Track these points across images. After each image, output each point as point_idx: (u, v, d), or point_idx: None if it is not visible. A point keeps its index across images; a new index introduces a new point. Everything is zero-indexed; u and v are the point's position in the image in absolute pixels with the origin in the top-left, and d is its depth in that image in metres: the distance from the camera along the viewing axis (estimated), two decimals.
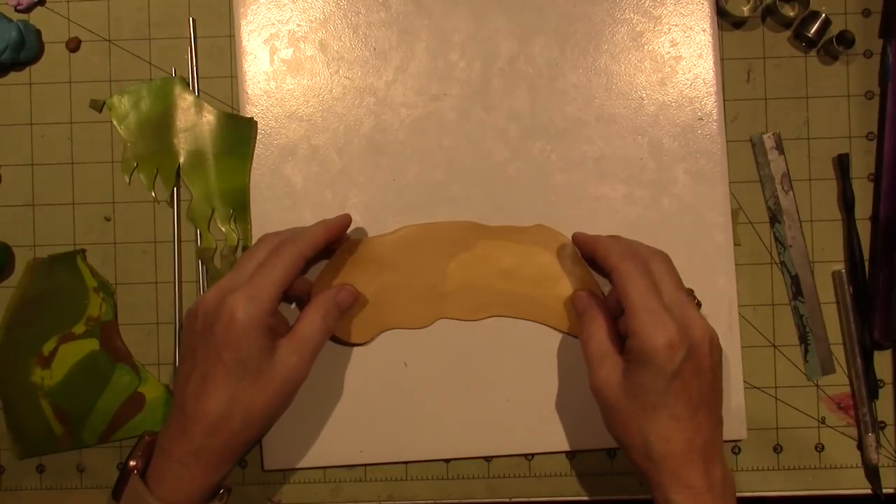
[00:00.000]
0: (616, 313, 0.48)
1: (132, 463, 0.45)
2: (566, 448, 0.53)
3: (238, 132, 0.53)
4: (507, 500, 0.53)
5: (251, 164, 0.53)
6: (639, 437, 0.44)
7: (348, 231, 0.52)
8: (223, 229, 0.53)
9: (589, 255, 0.49)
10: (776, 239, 0.53)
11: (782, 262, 0.53)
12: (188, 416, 0.44)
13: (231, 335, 0.43)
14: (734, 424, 0.52)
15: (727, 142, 0.53)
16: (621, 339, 0.47)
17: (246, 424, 0.44)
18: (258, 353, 0.43)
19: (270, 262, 0.45)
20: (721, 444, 0.45)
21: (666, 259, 0.47)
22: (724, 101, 0.53)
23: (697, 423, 0.43)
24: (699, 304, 0.51)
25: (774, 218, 0.53)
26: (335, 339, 0.52)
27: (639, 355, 0.43)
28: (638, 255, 0.46)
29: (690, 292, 0.50)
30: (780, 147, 0.53)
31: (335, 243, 0.50)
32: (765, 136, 0.53)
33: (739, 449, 0.53)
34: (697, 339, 0.43)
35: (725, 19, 0.54)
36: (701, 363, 0.44)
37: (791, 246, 0.53)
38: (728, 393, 0.52)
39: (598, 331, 0.47)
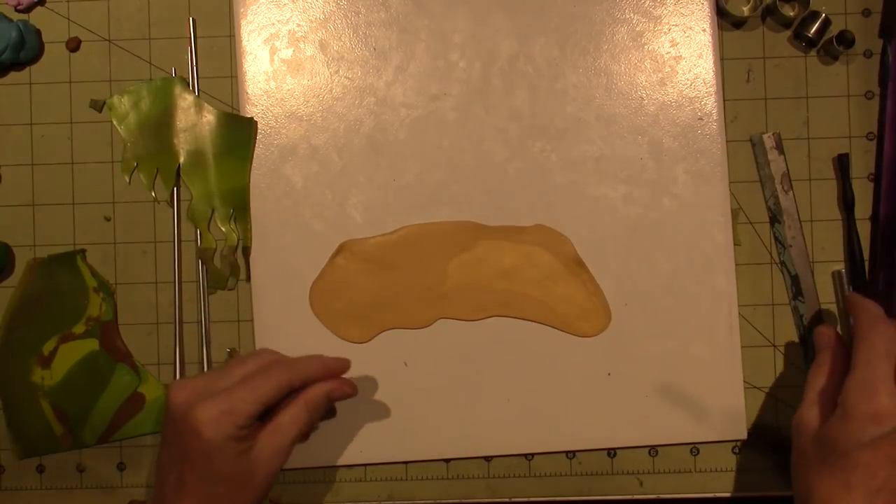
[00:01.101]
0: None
1: None
2: (566, 448, 0.53)
3: (238, 132, 0.53)
4: (507, 500, 0.53)
5: (251, 164, 0.53)
6: (804, 489, 0.42)
7: (346, 231, 0.52)
8: (223, 229, 0.53)
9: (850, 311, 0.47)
10: (776, 239, 0.53)
11: (782, 262, 0.53)
12: None
13: (202, 448, 0.41)
14: (734, 424, 0.52)
15: (727, 142, 0.53)
16: None
17: None
18: (232, 461, 0.42)
19: (256, 380, 0.43)
20: None
21: None
22: (724, 101, 0.53)
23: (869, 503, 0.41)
24: None
25: (774, 218, 0.53)
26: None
27: (841, 410, 0.42)
28: (890, 325, 0.44)
29: None
30: (780, 147, 0.53)
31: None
32: (765, 136, 0.53)
33: (739, 449, 0.53)
34: None
35: (725, 19, 0.54)
36: None
37: (791, 246, 0.53)
38: (728, 393, 0.52)
39: (826, 373, 0.46)
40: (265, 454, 0.43)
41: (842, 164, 0.53)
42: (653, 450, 0.53)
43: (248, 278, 0.53)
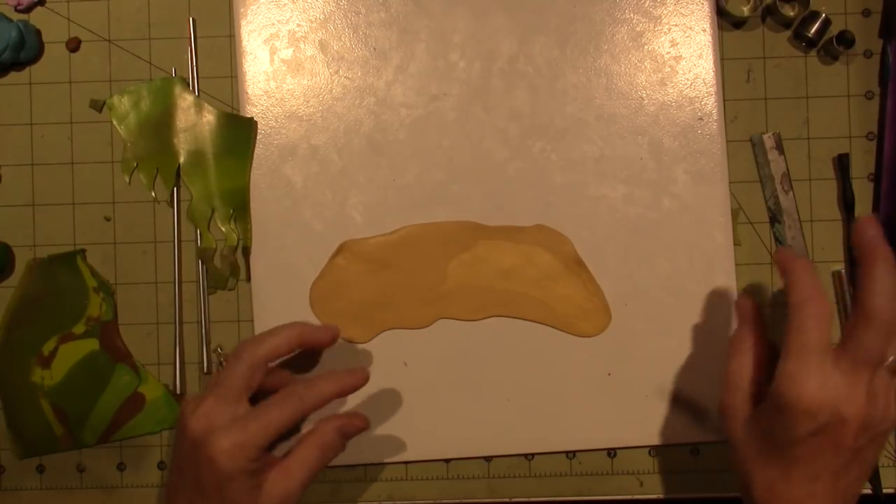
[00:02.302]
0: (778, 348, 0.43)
1: None
2: (566, 448, 0.53)
3: (238, 132, 0.53)
4: (507, 500, 0.53)
5: (251, 164, 0.53)
6: (743, 474, 0.42)
7: (346, 231, 0.52)
8: (223, 229, 0.53)
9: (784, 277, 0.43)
10: (776, 239, 0.53)
11: None
12: None
13: (215, 478, 0.41)
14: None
15: (727, 142, 0.53)
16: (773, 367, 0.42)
17: None
18: (244, 494, 0.42)
19: (269, 411, 0.43)
20: None
21: (888, 325, 0.39)
22: (724, 101, 0.53)
23: (811, 492, 0.40)
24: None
25: (774, 218, 0.53)
26: None
27: (773, 403, 0.40)
28: (825, 299, 0.41)
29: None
30: (780, 147, 0.53)
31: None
32: (765, 136, 0.53)
33: None
34: (847, 414, 0.39)
35: (725, 19, 0.54)
36: (842, 439, 0.39)
37: (791, 246, 0.53)
38: None
39: (745, 354, 0.44)
40: (274, 495, 0.43)
41: (842, 164, 0.53)
42: (653, 450, 0.53)
43: (248, 278, 0.53)
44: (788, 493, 0.40)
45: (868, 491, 0.53)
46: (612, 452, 0.53)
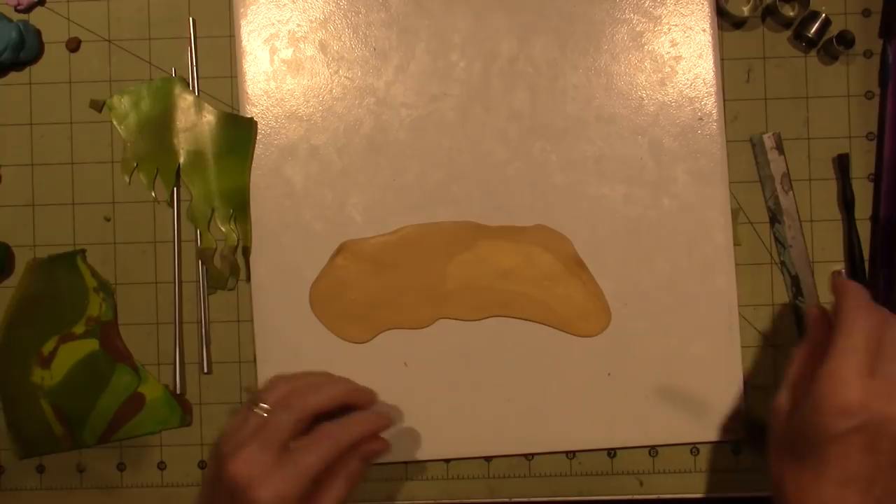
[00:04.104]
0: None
1: None
2: (566, 448, 0.53)
3: (238, 132, 0.53)
4: (507, 500, 0.53)
5: (251, 164, 0.53)
6: (777, 475, 0.42)
7: (346, 231, 0.52)
8: (223, 229, 0.53)
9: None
10: (776, 239, 0.53)
11: (782, 262, 0.53)
12: None
13: None
14: (734, 425, 0.52)
15: (727, 142, 0.53)
16: None
17: None
18: None
19: (307, 457, 0.42)
20: None
21: None
22: (724, 101, 0.53)
23: (842, 496, 0.40)
24: None
25: (774, 218, 0.53)
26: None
27: (811, 401, 0.41)
28: (875, 312, 0.42)
29: None
30: (780, 147, 0.53)
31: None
32: (765, 136, 0.53)
33: (739, 449, 0.53)
34: (883, 416, 0.39)
35: (725, 19, 0.54)
36: (879, 442, 0.39)
37: (791, 246, 0.53)
38: (728, 393, 0.52)
39: (805, 357, 0.44)
40: None
41: (842, 165, 0.53)
42: (653, 450, 0.53)
43: (248, 278, 0.53)
44: (819, 496, 0.40)
45: None
46: (612, 452, 0.53)
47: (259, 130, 0.53)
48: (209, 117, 0.53)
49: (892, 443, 0.40)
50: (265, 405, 0.44)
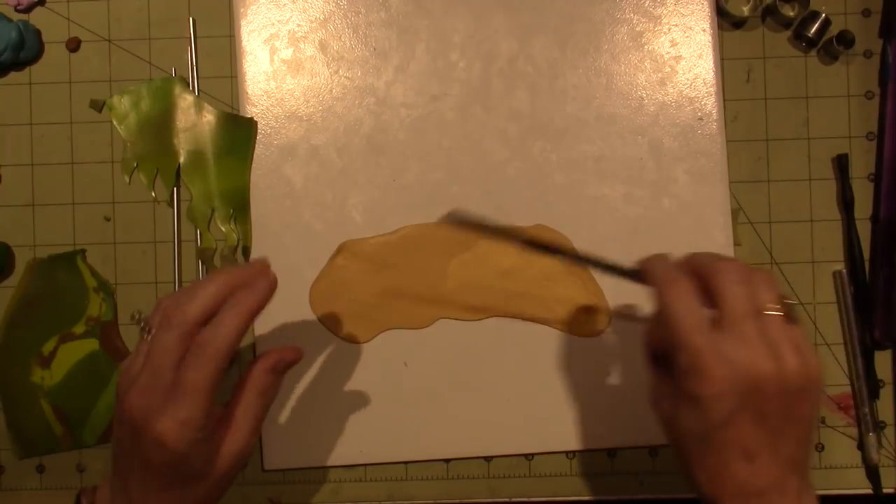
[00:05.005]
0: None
1: None
2: (566, 448, 0.53)
3: (238, 132, 0.53)
4: (507, 500, 0.53)
5: (251, 164, 0.53)
6: (688, 476, 0.40)
7: (346, 231, 0.52)
8: (223, 229, 0.53)
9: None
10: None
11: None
12: None
13: (166, 457, 0.39)
14: None
15: (727, 142, 0.53)
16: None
17: None
18: (200, 464, 0.40)
19: (189, 370, 0.39)
20: (799, 489, 0.38)
21: (741, 271, 0.39)
22: (724, 101, 0.53)
23: (753, 472, 0.38)
24: (788, 318, 0.39)
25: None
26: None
27: (684, 400, 0.38)
28: (687, 269, 0.40)
29: (785, 308, 0.39)
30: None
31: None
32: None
33: None
34: (756, 379, 0.37)
35: (725, 19, 0.54)
36: (764, 407, 0.37)
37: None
38: None
39: (654, 331, 0.41)
40: (229, 455, 0.41)
41: (841, 165, 0.53)
42: (653, 450, 0.53)
43: None
44: (732, 480, 0.38)
45: (868, 491, 0.53)
46: (612, 452, 0.53)
47: (259, 130, 0.53)
48: (209, 117, 0.53)
49: (775, 402, 0.38)
50: (152, 330, 0.41)
